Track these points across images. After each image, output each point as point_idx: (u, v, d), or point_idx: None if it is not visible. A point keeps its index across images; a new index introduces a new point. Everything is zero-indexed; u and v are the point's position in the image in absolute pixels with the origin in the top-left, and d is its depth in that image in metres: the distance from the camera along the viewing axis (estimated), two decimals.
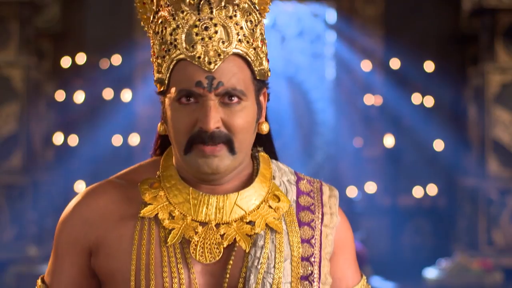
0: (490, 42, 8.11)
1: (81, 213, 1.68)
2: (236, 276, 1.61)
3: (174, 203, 1.63)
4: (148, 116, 9.34)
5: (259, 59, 1.62)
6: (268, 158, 1.72)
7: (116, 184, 1.69)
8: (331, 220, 1.71)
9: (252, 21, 1.62)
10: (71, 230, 1.68)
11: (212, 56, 1.56)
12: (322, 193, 1.73)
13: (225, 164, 1.58)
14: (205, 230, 1.60)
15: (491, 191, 7.96)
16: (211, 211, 1.62)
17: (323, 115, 10.02)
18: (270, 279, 1.61)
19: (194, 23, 1.58)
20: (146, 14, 1.68)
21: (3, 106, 7.80)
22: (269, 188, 1.67)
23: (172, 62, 1.59)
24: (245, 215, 1.63)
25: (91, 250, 1.66)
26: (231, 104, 1.58)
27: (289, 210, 1.68)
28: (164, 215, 1.61)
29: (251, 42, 1.61)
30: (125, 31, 9.33)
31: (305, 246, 1.66)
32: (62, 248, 1.69)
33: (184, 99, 1.58)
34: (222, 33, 1.58)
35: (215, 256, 1.59)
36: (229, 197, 1.63)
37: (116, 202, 1.67)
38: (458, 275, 7.45)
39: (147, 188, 1.64)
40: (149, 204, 1.62)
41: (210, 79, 1.56)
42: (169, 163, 1.68)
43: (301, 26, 10.01)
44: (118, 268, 1.62)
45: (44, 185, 8.13)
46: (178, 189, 1.64)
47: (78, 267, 1.68)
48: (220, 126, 1.57)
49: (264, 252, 1.62)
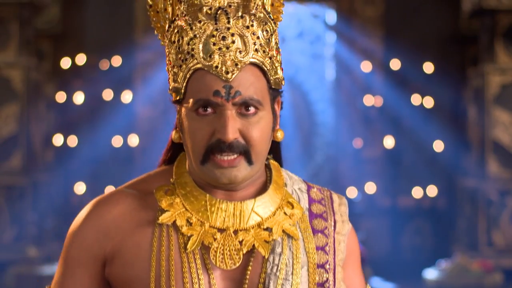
0: (490, 43, 8.11)
1: (93, 224, 1.67)
2: (255, 281, 1.63)
3: (191, 209, 1.63)
4: (148, 117, 9.34)
5: (274, 68, 1.64)
6: (278, 166, 1.75)
7: (127, 194, 1.69)
8: (343, 227, 1.74)
9: (268, 30, 1.63)
10: (84, 241, 1.67)
11: (230, 65, 1.57)
12: (332, 201, 1.75)
13: (242, 174, 1.60)
14: (223, 236, 1.61)
15: (491, 192, 7.96)
16: (229, 218, 1.62)
17: (323, 116, 10.02)
18: (289, 286, 1.63)
19: (211, 33, 1.59)
20: (159, 22, 1.68)
21: (3, 107, 7.80)
22: (282, 195, 1.69)
23: (189, 71, 1.60)
24: (262, 221, 1.64)
25: (106, 260, 1.66)
26: (248, 115, 1.59)
27: (302, 217, 1.70)
28: (182, 222, 1.62)
29: (267, 51, 1.62)
30: (125, 32, 9.33)
31: (319, 253, 1.68)
32: (73, 259, 1.68)
33: (201, 110, 1.58)
34: (239, 42, 1.59)
35: (235, 262, 1.60)
36: (246, 204, 1.64)
37: (131, 210, 1.66)
38: (458, 276, 7.45)
39: (162, 194, 1.64)
40: (166, 210, 1.63)
41: (228, 88, 1.57)
42: (182, 170, 1.68)
43: (301, 27, 10.01)
44: (136, 276, 1.63)
45: (44, 186, 8.13)
46: (194, 195, 1.64)
47: (90, 278, 1.67)
48: (238, 137, 1.58)
49: (282, 259, 1.63)
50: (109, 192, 1.72)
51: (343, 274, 1.73)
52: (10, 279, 7.26)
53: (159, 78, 9.03)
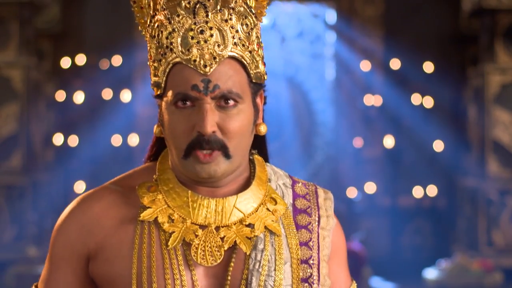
0: (490, 43, 8.11)
1: (77, 220, 1.67)
2: (237, 278, 1.62)
3: (173, 206, 1.63)
4: (148, 117, 9.34)
5: (255, 62, 1.63)
6: (262, 161, 1.73)
7: (111, 190, 1.69)
8: (327, 223, 1.73)
9: (248, 24, 1.62)
10: (67, 237, 1.67)
11: (208, 59, 1.57)
12: (317, 196, 1.74)
13: (221, 168, 1.59)
14: (205, 233, 1.61)
15: (491, 191, 7.96)
16: (211, 214, 1.62)
17: (323, 115, 10.02)
18: (272, 282, 1.62)
19: (189, 27, 1.59)
20: (143, 18, 1.68)
21: (3, 106, 7.80)
22: (266, 191, 1.68)
23: (168, 65, 1.60)
24: (244, 217, 1.63)
25: (90, 256, 1.66)
26: (227, 108, 1.58)
27: (286, 213, 1.69)
28: (163, 219, 1.61)
29: (246, 45, 1.61)
30: (125, 32, 9.33)
31: (303, 248, 1.67)
32: (57, 256, 1.68)
33: (181, 103, 1.59)
34: (217, 36, 1.58)
35: (216, 258, 1.60)
36: (228, 200, 1.63)
37: (113, 207, 1.66)
38: (458, 276, 7.45)
39: (145, 191, 1.64)
40: (148, 207, 1.63)
41: (206, 82, 1.57)
42: (165, 166, 1.68)
43: (301, 26, 10.01)
44: (119, 273, 1.62)
45: (44, 185, 8.13)
46: (176, 192, 1.64)
47: (74, 275, 1.67)
48: (216, 130, 1.57)
49: (264, 255, 1.63)
50: (94, 189, 1.72)
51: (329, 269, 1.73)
52: (10, 279, 7.26)
53: None
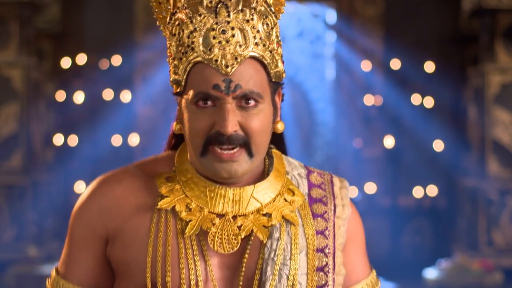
0: (490, 43, 8.11)
1: (97, 201, 1.67)
2: (252, 268, 1.63)
3: (191, 196, 1.64)
4: (148, 117, 9.34)
5: (274, 62, 1.65)
6: (280, 155, 1.75)
7: (132, 173, 1.70)
8: (343, 212, 1.74)
9: (268, 24, 1.65)
10: (88, 219, 1.67)
11: (229, 59, 1.58)
12: (333, 185, 1.76)
13: (243, 168, 1.60)
14: (222, 221, 1.62)
15: (491, 191, 7.96)
16: (228, 203, 1.63)
17: (323, 115, 10.02)
18: (287, 271, 1.63)
19: (211, 26, 1.59)
20: (161, 13, 1.69)
21: (3, 106, 7.80)
22: (283, 182, 1.69)
23: (189, 64, 1.60)
24: (261, 207, 1.64)
25: (108, 238, 1.66)
26: (248, 108, 1.59)
27: (303, 203, 1.70)
28: (181, 207, 1.62)
29: (267, 45, 1.63)
30: (125, 32, 9.33)
31: (319, 237, 1.68)
32: (78, 237, 1.69)
33: (201, 102, 1.59)
34: (239, 36, 1.59)
35: (233, 246, 1.60)
36: (245, 190, 1.64)
37: (133, 191, 1.67)
38: (458, 276, 7.45)
39: (163, 181, 1.65)
40: (166, 196, 1.63)
41: (228, 82, 1.57)
42: (183, 158, 1.69)
43: (301, 26, 10.01)
44: (134, 258, 1.63)
45: (44, 185, 8.13)
46: (194, 182, 1.65)
47: (94, 256, 1.68)
48: (237, 129, 1.58)
49: (280, 244, 1.63)
50: (114, 170, 1.72)
51: (345, 258, 1.73)
52: (10, 279, 7.26)
53: (159, 77, 9.03)
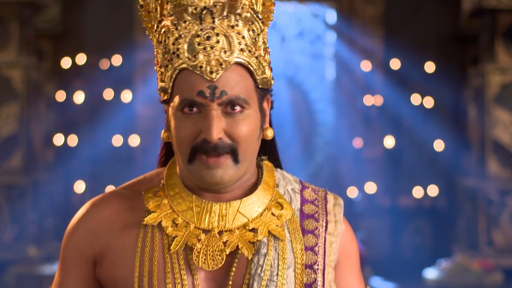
0: (490, 43, 8.11)
1: (85, 224, 1.69)
2: (239, 282, 1.62)
3: (178, 211, 1.64)
4: (148, 117, 9.35)
5: (261, 68, 1.63)
6: (272, 167, 1.73)
7: (120, 195, 1.71)
8: (335, 228, 1.72)
9: (254, 30, 1.62)
10: (76, 241, 1.70)
11: (214, 65, 1.57)
12: (326, 202, 1.74)
13: (229, 174, 1.59)
14: (208, 237, 1.62)
15: (491, 191, 7.96)
16: (214, 219, 1.62)
17: (323, 115, 10.02)
18: (273, 287, 1.62)
19: (196, 33, 1.59)
20: (150, 22, 1.68)
21: (3, 106, 7.80)
22: (272, 196, 1.68)
23: (174, 71, 1.60)
24: (247, 222, 1.63)
25: (96, 259, 1.68)
26: (234, 114, 1.58)
27: (292, 218, 1.68)
28: (167, 223, 1.62)
29: (253, 51, 1.61)
30: (125, 32, 9.34)
31: (308, 253, 1.66)
32: (67, 260, 1.71)
33: (187, 109, 1.59)
34: (224, 42, 1.58)
35: (217, 263, 1.60)
36: (231, 205, 1.63)
37: (119, 211, 1.68)
38: (458, 276, 7.45)
39: (151, 196, 1.65)
40: (153, 212, 1.64)
41: (212, 88, 1.57)
42: (173, 171, 1.69)
43: (301, 26, 10.01)
44: (122, 276, 1.64)
45: (44, 185, 8.13)
46: (181, 197, 1.65)
47: (83, 278, 1.70)
48: (222, 136, 1.57)
49: (267, 260, 1.62)
50: (104, 193, 1.74)
51: (338, 276, 1.72)
52: (10, 279, 7.26)
53: None
